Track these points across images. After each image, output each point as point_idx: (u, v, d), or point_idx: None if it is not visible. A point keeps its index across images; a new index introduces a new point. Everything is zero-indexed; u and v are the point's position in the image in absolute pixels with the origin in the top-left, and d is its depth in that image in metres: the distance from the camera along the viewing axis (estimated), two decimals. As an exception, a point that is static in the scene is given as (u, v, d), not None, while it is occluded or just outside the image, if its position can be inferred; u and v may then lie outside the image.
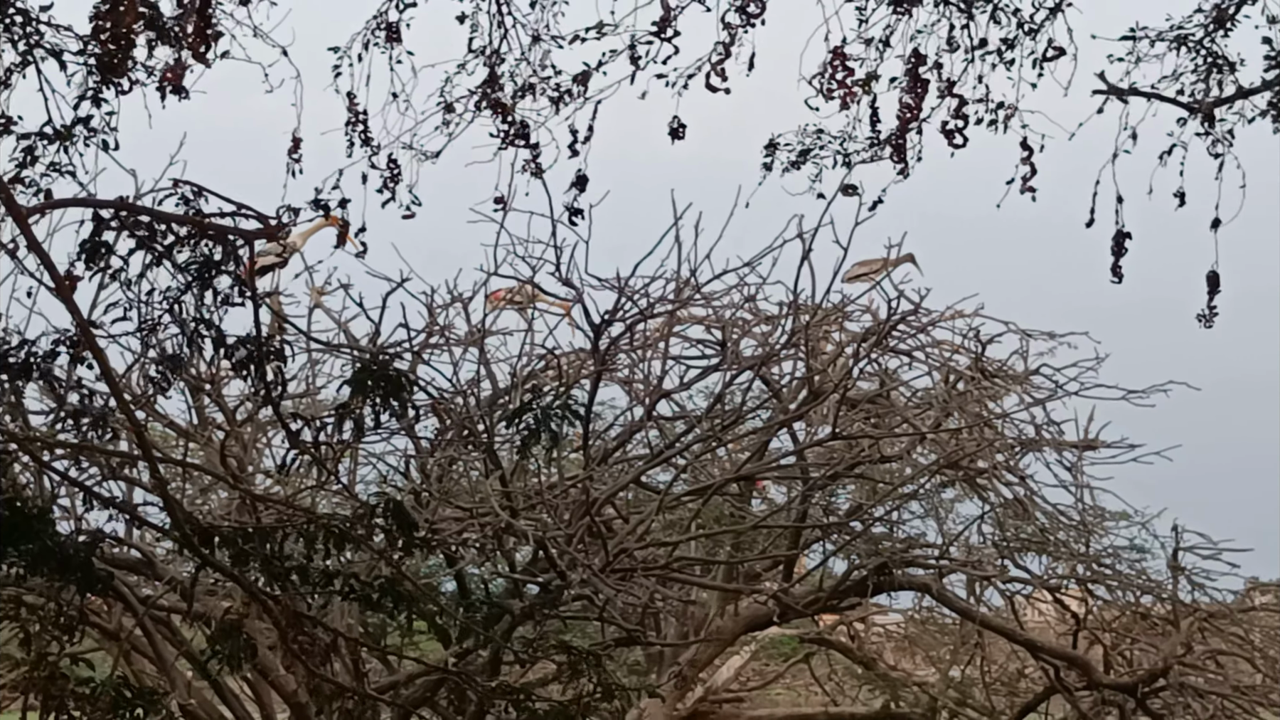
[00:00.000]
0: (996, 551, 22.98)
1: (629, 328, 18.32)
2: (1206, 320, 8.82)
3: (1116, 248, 8.68)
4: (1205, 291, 8.70)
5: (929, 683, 24.93)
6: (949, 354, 22.52)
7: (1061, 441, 22.69)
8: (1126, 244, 8.66)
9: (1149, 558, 24.05)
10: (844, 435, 19.97)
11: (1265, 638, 25.24)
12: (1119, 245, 8.67)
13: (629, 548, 16.72)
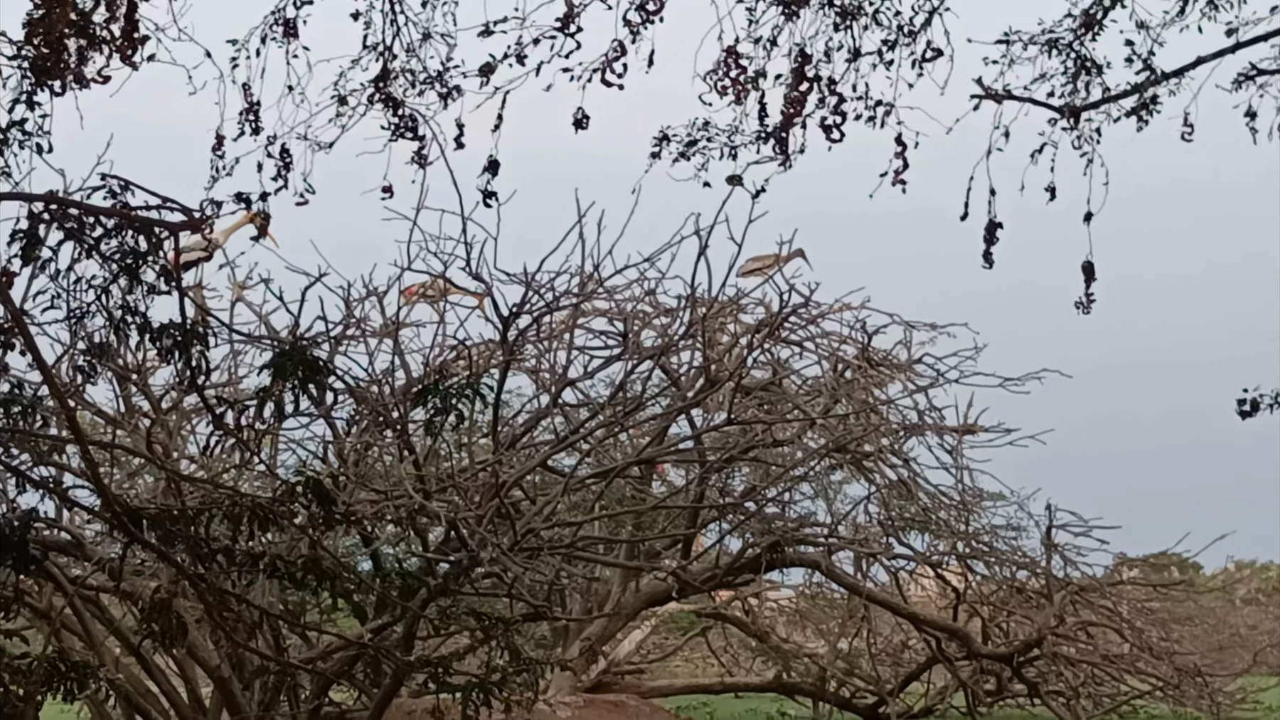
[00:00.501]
0: (882, 530, 23.12)
1: (536, 320, 18.28)
2: (1084, 307, 8.91)
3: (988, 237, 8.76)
4: (1082, 281, 8.80)
5: (819, 654, 25.05)
6: (837, 344, 22.64)
7: (943, 426, 22.87)
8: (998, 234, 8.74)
9: (1024, 535, 24.31)
10: (739, 421, 20.03)
11: (1133, 610, 25.52)
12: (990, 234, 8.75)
13: (536, 528, 16.69)
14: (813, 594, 26.49)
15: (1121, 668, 24.10)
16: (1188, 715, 23.16)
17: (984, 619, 24.10)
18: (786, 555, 22.16)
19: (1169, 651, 24.55)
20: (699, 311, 19.26)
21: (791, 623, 30.97)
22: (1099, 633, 25.05)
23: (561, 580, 20.17)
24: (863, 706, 24.23)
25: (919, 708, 24.24)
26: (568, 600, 22.18)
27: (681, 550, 22.25)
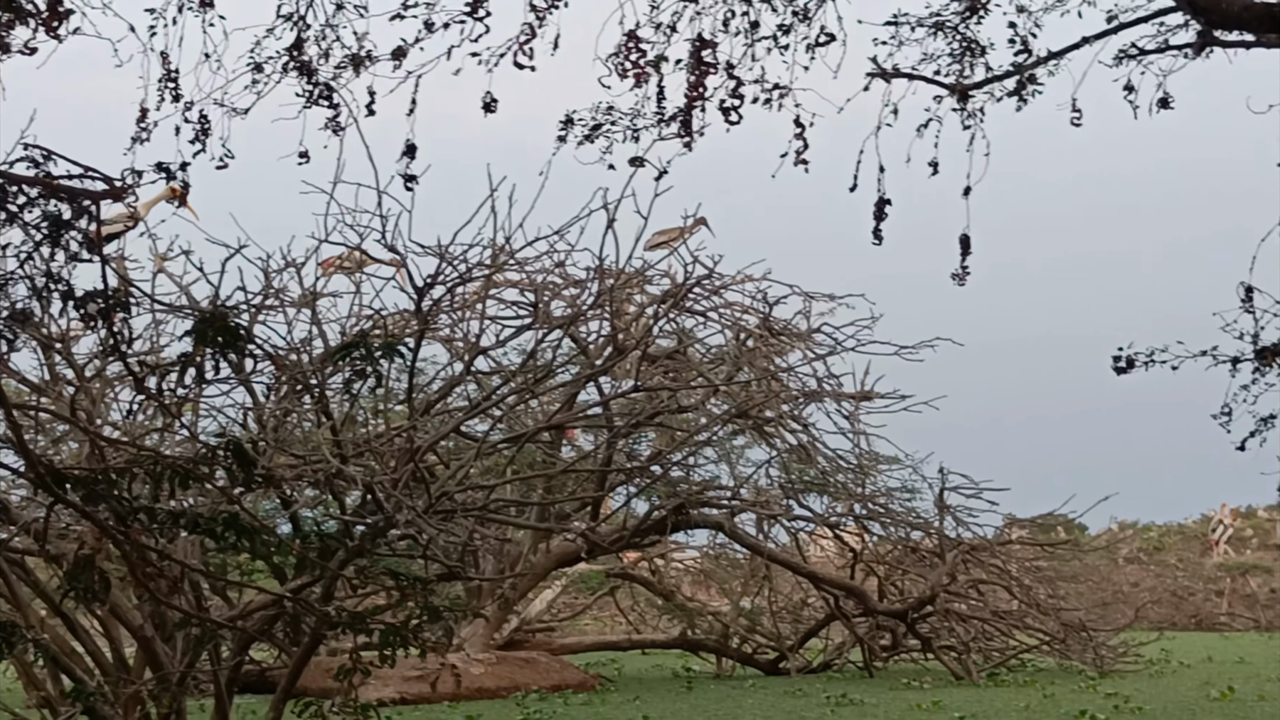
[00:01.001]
0: (782, 492, 23.33)
1: (449, 290, 18.27)
2: (960, 279, 9.00)
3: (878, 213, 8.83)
4: (959, 253, 8.89)
5: (722, 612, 25.18)
6: (740, 314, 22.82)
7: (840, 393, 23.08)
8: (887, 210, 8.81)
9: (918, 497, 24.56)
10: (645, 388, 20.13)
11: (1021, 568, 25.79)
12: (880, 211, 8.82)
13: (450, 491, 16.69)
14: (716, 554, 26.66)
15: (1010, 623, 24.37)
16: (1073, 668, 23.44)
17: (880, 577, 24.32)
18: (691, 517, 22.33)
19: (1055, 608, 24.83)
20: (607, 283, 19.32)
21: (696, 582, 31.14)
22: (989, 590, 25.31)
23: (475, 542, 20.20)
24: (764, 662, 24.40)
25: (817, 662, 24.41)
26: (481, 561, 22.20)
27: (590, 513, 22.35)
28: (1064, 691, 19.57)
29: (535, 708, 17.03)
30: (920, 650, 23.93)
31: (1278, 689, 19.72)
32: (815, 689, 20.19)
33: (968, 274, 8.99)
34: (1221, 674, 22.70)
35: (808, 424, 22.91)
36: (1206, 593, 45.38)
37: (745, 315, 22.82)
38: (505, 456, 19.39)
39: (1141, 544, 50.81)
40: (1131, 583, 45.55)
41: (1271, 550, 49.37)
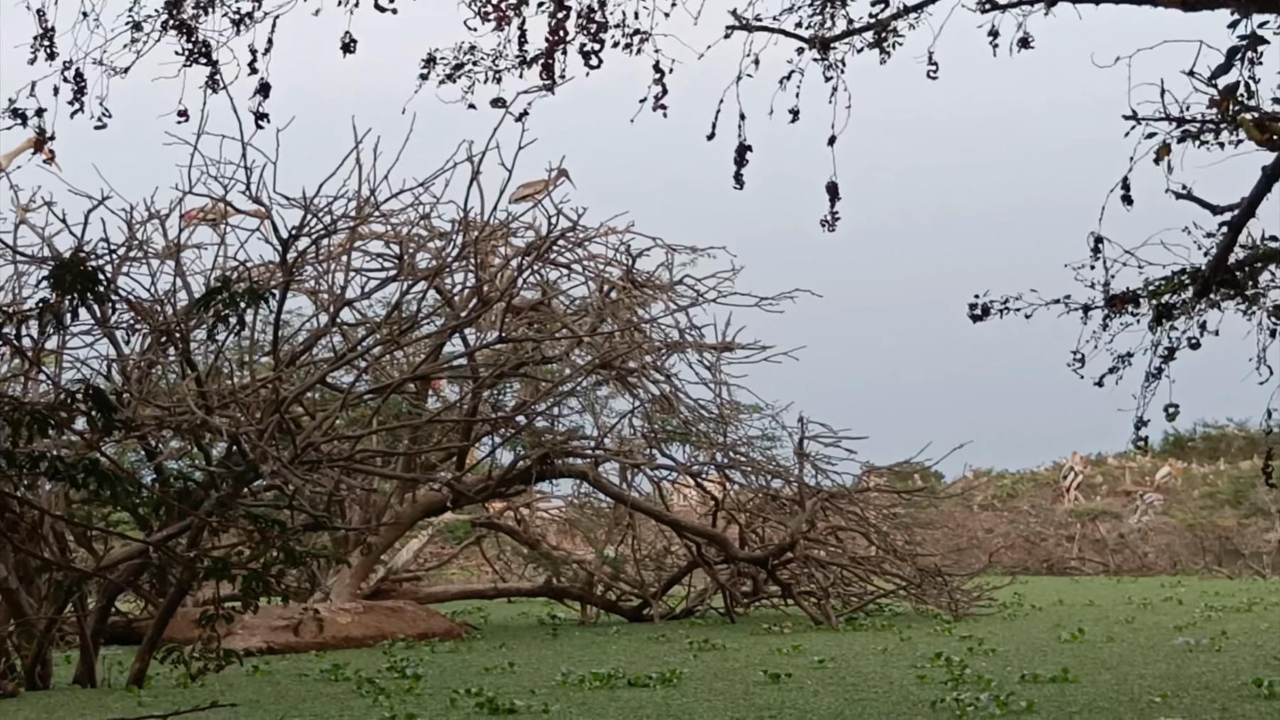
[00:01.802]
0: (645, 442, 23.38)
1: (314, 242, 18.14)
2: (829, 225, 9.04)
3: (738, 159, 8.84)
4: (827, 200, 8.92)
5: (587, 560, 25.23)
6: (603, 266, 22.81)
7: (702, 344, 23.17)
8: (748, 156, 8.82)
9: (778, 446, 24.71)
10: (510, 339, 20.11)
11: (879, 515, 26.05)
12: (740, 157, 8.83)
13: (315, 442, 16.61)
14: (581, 504, 26.72)
15: (868, 569, 24.62)
16: (929, 612, 23.75)
17: (741, 525, 24.47)
18: (556, 467, 22.34)
19: (912, 554, 25.11)
20: (471, 235, 19.27)
21: (561, 531, 31.22)
22: (848, 537, 25.56)
23: (341, 492, 20.12)
24: (628, 609, 24.50)
25: (680, 609, 24.53)
26: (347, 511, 22.09)
27: (456, 463, 22.31)
28: (920, 635, 19.83)
29: (402, 655, 16.99)
30: (780, 596, 24.13)
31: (1126, 630, 20.11)
32: (678, 634, 20.31)
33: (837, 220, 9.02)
34: (1072, 616, 23.11)
35: (670, 374, 23.00)
36: (1058, 538, 46.14)
37: (609, 267, 22.85)
38: (371, 407, 19.32)
39: (996, 491, 51.57)
40: (986, 529, 46.21)
41: (1120, 496, 50.32)
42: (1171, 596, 28.05)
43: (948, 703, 11.90)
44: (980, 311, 10.03)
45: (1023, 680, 13.79)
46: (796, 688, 13.66)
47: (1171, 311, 9.69)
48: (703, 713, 11.91)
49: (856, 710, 11.96)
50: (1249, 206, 8.83)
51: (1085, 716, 11.33)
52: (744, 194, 9.18)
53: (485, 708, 12.04)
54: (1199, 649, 16.91)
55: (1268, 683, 12.58)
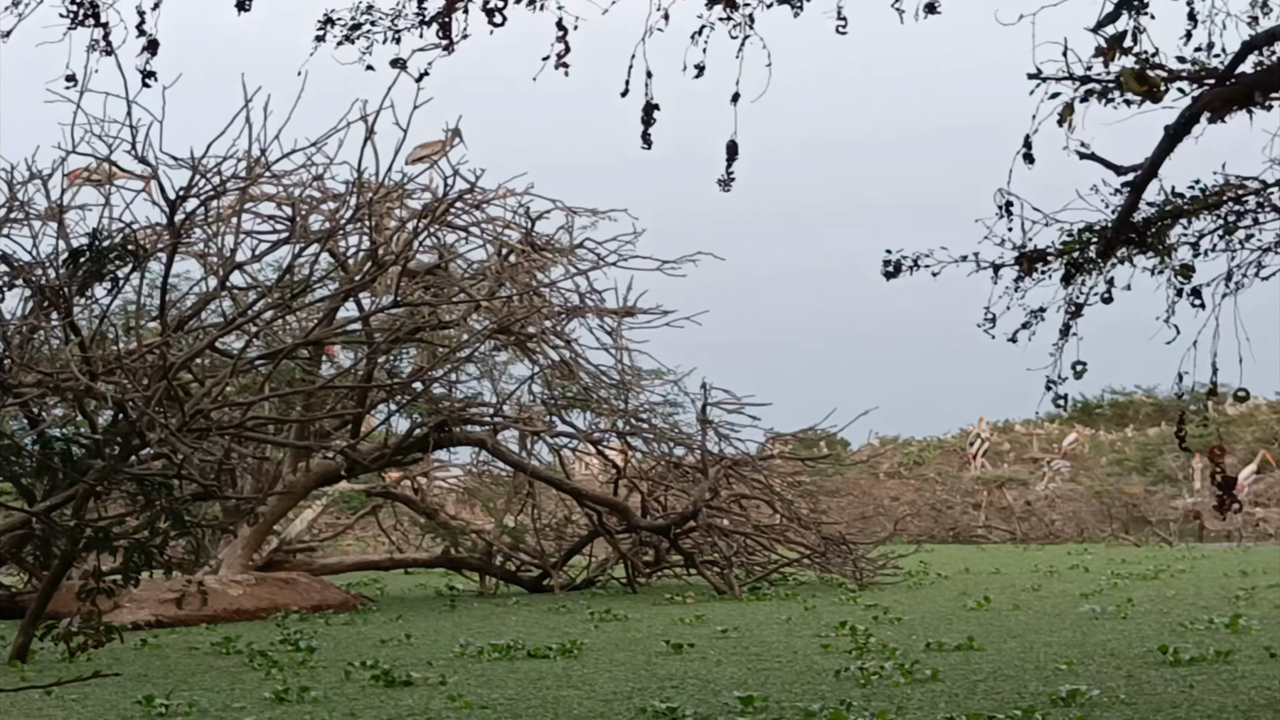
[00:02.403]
0: (545, 409, 23.38)
1: (203, 203, 17.96)
2: (725, 185, 9.01)
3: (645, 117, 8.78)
4: (725, 160, 8.90)
5: (486, 530, 25.21)
6: (502, 229, 22.76)
7: (603, 308, 23.17)
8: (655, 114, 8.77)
9: (681, 412, 24.78)
10: (406, 303, 20.02)
11: (783, 483, 26.17)
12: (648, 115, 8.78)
13: (205, 409, 16.48)
14: (479, 472, 26.68)
15: (772, 537, 24.75)
16: (833, 581, 23.89)
17: (643, 494, 24.52)
18: (453, 434, 22.30)
19: (816, 522, 25.27)
20: (366, 196, 19.16)
21: (460, 501, 31.16)
22: (751, 505, 25.68)
23: (231, 460, 19.97)
24: (528, 579, 24.47)
25: (581, 579, 24.53)
26: (238, 480, 21.95)
27: (351, 430, 22.19)
28: (824, 604, 19.98)
29: (296, 628, 16.92)
30: (683, 565, 24.20)
31: (1032, 598, 20.34)
32: (579, 605, 20.35)
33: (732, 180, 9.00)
34: (978, 585, 23.34)
35: (570, 340, 23.00)
36: (964, 506, 46.56)
37: (507, 230, 22.81)
38: (262, 373, 19.19)
39: (902, 459, 51.95)
40: (892, 497, 46.56)
41: (1027, 463, 50.85)
42: (1078, 564, 28.39)
43: (852, 672, 12.01)
44: (893, 268, 10.07)
45: (928, 649, 13.93)
46: (699, 658, 13.73)
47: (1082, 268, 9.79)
48: (604, 683, 11.95)
49: (760, 680, 12.04)
50: (1151, 166, 8.92)
51: (990, 685, 11.47)
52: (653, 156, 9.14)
53: (381, 680, 12.03)
54: (1105, 616, 17.14)
55: (1173, 649, 12.79)
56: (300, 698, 11.20)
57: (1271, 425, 49.81)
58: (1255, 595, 19.67)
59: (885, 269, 10.13)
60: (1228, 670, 11.99)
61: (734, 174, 8.95)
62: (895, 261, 10.13)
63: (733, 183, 9.02)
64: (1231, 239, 9.98)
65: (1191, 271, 9.80)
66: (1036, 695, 10.82)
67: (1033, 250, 9.73)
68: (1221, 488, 10.19)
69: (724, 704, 10.65)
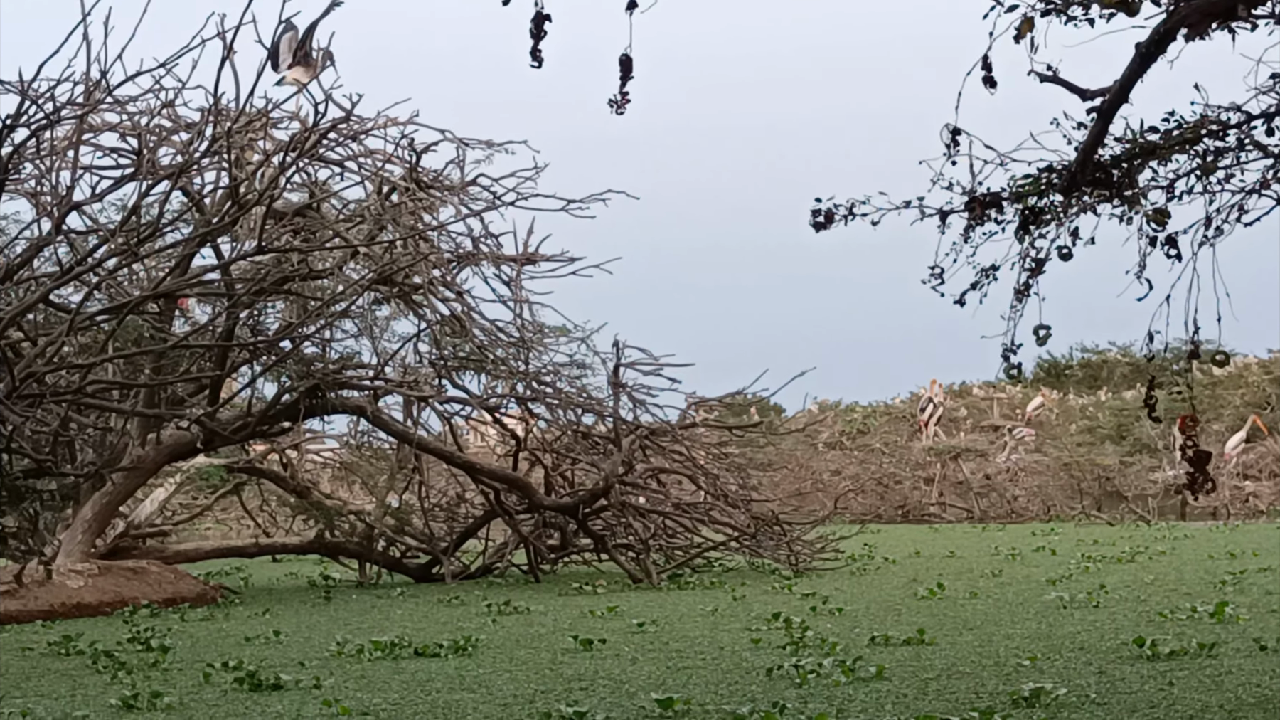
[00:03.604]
0: (434, 371, 23.39)
1: (34, 134, 17.87)
2: (618, 106, 9.01)
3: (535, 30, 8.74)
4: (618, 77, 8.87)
5: (366, 511, 25.22)
6: (382, 163, 22.71)
7: (500, 255, 23.19)
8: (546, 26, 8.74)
9: (590, 375, 24.84)
10: (271, 249, 20.00)
11: (707, 455, 26.25)
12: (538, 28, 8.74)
13: (38, 372, 16.45)
14: (358, 444, 26.65)
15: (695, 517, 24.90)
16: (765, 566, 24.04)
17: (547, 468, 24.60)
18: (328, 400, 22.29)
19: (746, 499, 25.43)
20: (224, 126, 19.09)
21: (336, 477, 31.12)
22: (671, 480, 25.82)
23: (69, 431, 19.93)
24: (415, 567, 24.51)
25: (476, 566, 24.58)
26: (78, 454, 21.86)
27: (209, 396, 22.12)
28: (755, 593, 20.13)
29: (146, 624, 16.90)
30: (593, 550, 24.34)
31: (991, 585, 20.57)
32: (474, 596, 20.42)
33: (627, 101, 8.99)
34: (930, 570, 23.58)
35: (462, 291, 23.00)
36: (915, 480, 46.92)
37: (388, 165, 22.76)
38: (105, 331, 19.13)
39: (844, 427, 52.23)
40: (832, 470, 46.85)
41: (986, 432, 51.22)
42: (1044, 546, 28.70)
43: (786, 670, 12.14)
44: (823, 219, 10.07)
45: (873, 643, 14.09)
46: (612, 655, 13.84)
47: (1040, 216, 9.84)
48: (502, 685, 12.03)
49: (681, 680, 12.16)
50: (1121, 90, 9.01)
51: (943, 683, 11.63)
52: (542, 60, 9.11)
53: (245, 683, 12.06)
54: (1074, 605, 17.37)
55: (1151, 642, 12.96)
56: (152, 704, 11.22)
57: (1263, 387, 50.37)
58: (1244, 580, 19.95)
59: (814, 219, 10.14)
60: (1212, 665, 12.17)
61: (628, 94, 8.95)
62: (826, 210, 10.13)
63: (627, 103, 9.03)
64: (1210, 180, 10.08)
65: (1166, 217, 9.88)
66: (996, 695, 10.98)
67: (985, 194, 9.80)
68: (1194, 464, 10.29)
69: (640, 707, 10.76)
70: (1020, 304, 10.14)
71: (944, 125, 9.57)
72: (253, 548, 26.19)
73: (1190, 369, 10.95)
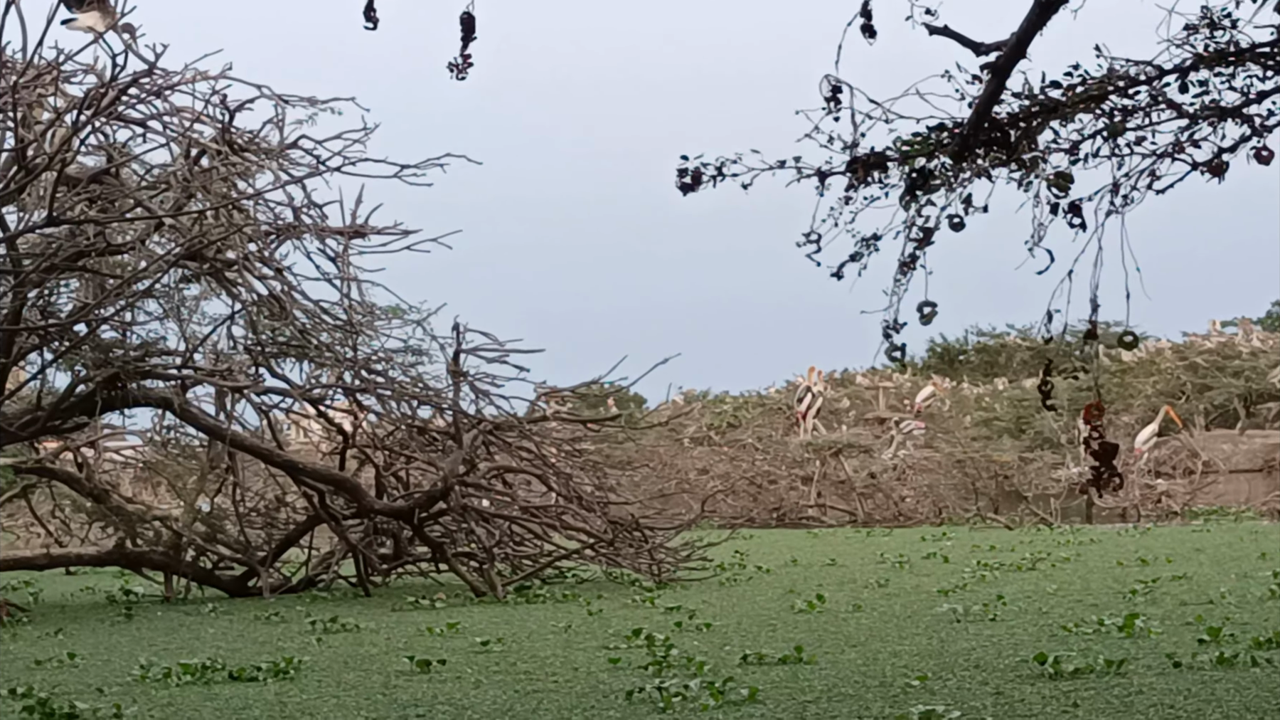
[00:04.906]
0: (250, 358, 23.26)
1: None
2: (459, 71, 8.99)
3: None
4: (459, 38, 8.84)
5: (173, 516, 25.05)
6: (190, 123, 22.52)
7: (325, 227, 23.07)
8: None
9: (427, 362, 24.80)
10: (64, 220, 19.83)
11: (559, 453, 26.24)
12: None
13: None
14: (164, 441, 26.45)
15: (546, 523, 24.91)
16: (625, 577, 24.06)
17: (378, 467, 24.54)
18: (129, 392, 22.13)
19: (603, 502, 25.44)
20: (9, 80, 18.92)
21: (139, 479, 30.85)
22: (519, 481, 25.81)
23: None
24: (228, 580, 24.36)
25: (298, 579, 24.47)
26: None
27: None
28: (613, 606, 20.19)
29: (-81, 647, 16.80)
30: (431, 560, 24.30)
31: (877, 597, 20.73)
32: (296, 612, 20.36)
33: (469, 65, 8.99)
34: (808, 580, 23.71)
35: (282, 268, 22.88)
36: (791, 479, 47.13)
37: (198, 125, 22.58)
38: None
39: (712, 420, 52.41)
40: (699, 468, 46.98)
41: (871, 425, 51.59)
42: (935, 552, 28.94)
43: (648, 692, 12.19)
44: (690, 180, 10.08)
45: (745, 662, 14.17)
46: (453, 678, 13.85)
47: (928, 180, 9.89)
48: (328, 713, 12.03)
49: (530, 705, 12.19)
50: (1018, 44, 9.10)
51: (824, 706, 11.72)
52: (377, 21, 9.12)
53: (35, 712, 11.96)
54: (969, 619, 17.53)
55: (1053, 659, 13.11)
56: (-73, 739, 11.14)
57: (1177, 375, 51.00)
58: (1156, 590, 20.20)
59: (680, 180, 10.15)
60: (1121, 684, 12.34)
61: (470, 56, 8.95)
62: (693, 170, 10.14)
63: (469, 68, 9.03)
64: (1118, 142, 10.17)
65: (1069, 182, 9.96)
66: (882, 719, 11.07)
67: (869, 154, 9.84)
68: (1099, 457, 10.40)
69: (484, 737, 10.79)
70: (905, 278, 10.18)
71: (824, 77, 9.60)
72: (43, 559, 25.93)
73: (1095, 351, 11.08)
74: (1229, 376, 50.73)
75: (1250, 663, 12.99)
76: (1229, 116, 10.06)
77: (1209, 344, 53.72)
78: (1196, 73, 9.90)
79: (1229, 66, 9.86)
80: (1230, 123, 10.10)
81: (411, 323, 24.44)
